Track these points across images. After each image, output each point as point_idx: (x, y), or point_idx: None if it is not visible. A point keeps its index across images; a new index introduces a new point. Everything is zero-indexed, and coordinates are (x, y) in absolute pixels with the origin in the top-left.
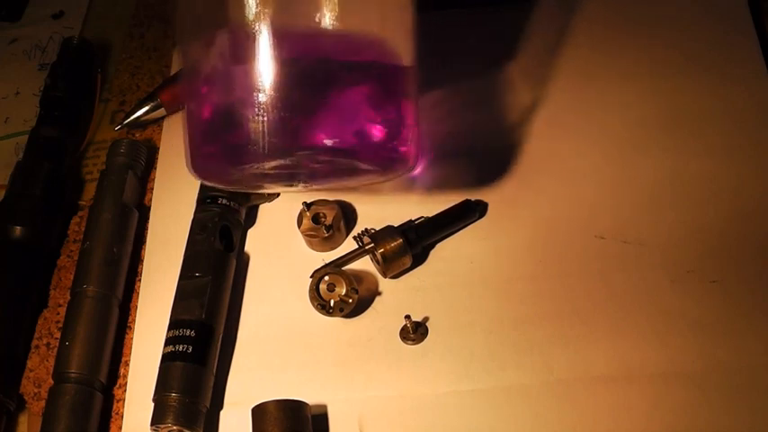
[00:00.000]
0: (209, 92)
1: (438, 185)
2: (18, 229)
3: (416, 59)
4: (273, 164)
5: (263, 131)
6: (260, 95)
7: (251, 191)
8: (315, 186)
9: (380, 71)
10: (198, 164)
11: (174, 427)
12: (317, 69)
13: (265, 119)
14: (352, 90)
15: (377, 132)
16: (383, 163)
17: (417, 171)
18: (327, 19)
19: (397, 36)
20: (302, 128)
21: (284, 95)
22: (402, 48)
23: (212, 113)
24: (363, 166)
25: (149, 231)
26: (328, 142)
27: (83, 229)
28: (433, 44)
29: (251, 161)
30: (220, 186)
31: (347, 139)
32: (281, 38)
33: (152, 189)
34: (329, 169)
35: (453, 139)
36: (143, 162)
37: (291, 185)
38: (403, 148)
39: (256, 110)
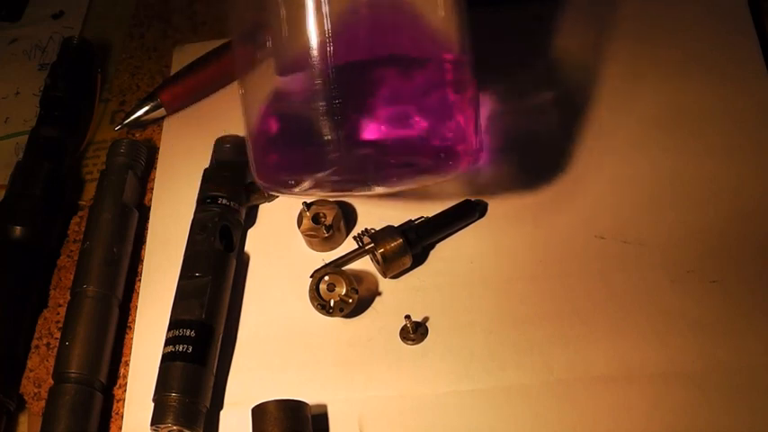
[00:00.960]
0: (274, 104)
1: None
2: (18, 229)
3: (472, 52)
4: (345, 170)
5: (337, 138)
6: (327, 104)
7: (320, 197)
8: (386, 189)
9: (440, 65)
10: (267, 175)
11: (174, 427)
12: (380, 69)
13: (338, 126)
14: (415, 88)
15: (442, 129)
16: (450, 159)
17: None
18: (383, 12)
19: (452, 28)
20: (372, 131)
21: (350, 102)
22: (459, 40)
23: (280, 124)
24: (433, 163)
25: (149, 231)
26: (397, 143)
27: (83, 229)
28: None
29: (325, 167)
30: (289, 195)
31: (415, 138)
32: (343, 42)
33: (152, 189)
34: (400, 170)
35: None
36: (143, 162)
37: (364, 189)
38: (468, 142)
39: (325, 118)
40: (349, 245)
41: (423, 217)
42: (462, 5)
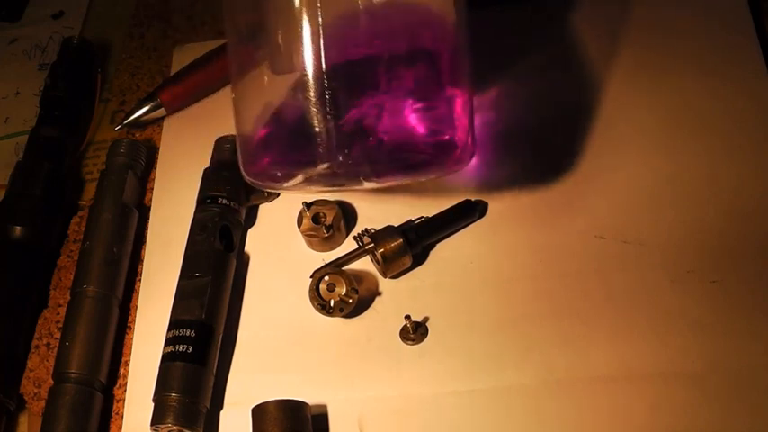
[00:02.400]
0: (265, 98)
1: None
2: (18, 229)
3: (468, 49)
4: (337, 164)
5: (329, 132)
6: (319, 97)
7: (310, 192)
8: (380, 184)
9: (433, 62)
10: (255, 170)
11: (174, 427)
12: (372, 65)
13: (330, 119)
14: (408, 83)
15: (434, 125)
16: (442, 155)
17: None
18: (377, 9)
19: (445, 25)
20: (365, 125)
21: (343, 95)
22: (452, 38)
23: (272, 120)
24: (425, 159)
25: (149, 231)
26: (389, 137)
27: (83, 229)
28: None
29: (317, 163)
30: (279, 191)
31: (407, 133)
32: (336, 37)
33: (152, 189)
34: (393, 165)
35: None
36: (143, 162)
37: (357, 184)
38: (460, 139)
39: (317, 111)
40: (349, 245)
41: (423, 217)
42: (460, 4)
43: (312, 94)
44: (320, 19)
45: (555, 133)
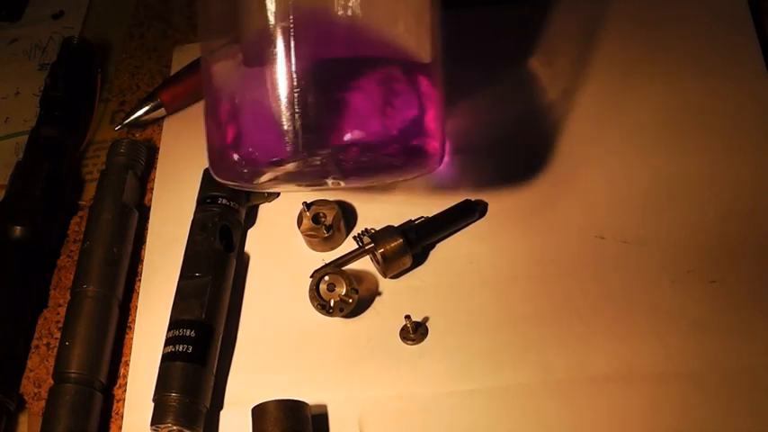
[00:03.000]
0: (234, 94)
1: (440, 184)
2: (18, 229)
3: (441, 55)
4: (304, 163)
5: (295, 130)
6: (287, 96)
7: (274, 191)
8: (347, 184)
9: (404, 67)
10: (221, 166)
11: (174, 427)
12: (343, 67)
13: (297, 118)
14: (377, 86)
15: (402, 128)
16: (409, 159)
17: (441, 167)
18: (351, 11)
19: (419, 31)
20: (333, 125)
21: (312, 94)
22: (425, 43)
23: (238, 115)
24: (392, 162)
25: (149, 231)
26: (356, 139)
27: (83, 229)
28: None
29: (283, 160)
30: (245, 188)
31: (374, 135)
32: (307, 36)
33: (152, 189)
34: (359, 166)
35: (453, 139)
36: (143, 162)
37: (323, 184)
38: (429, 144)
39: (285, 109)
40: (349, 245)
41: (423, 217)
42: (434, 7)
43: (281, 91)
44: (291, 15)
45: (554, 133)
